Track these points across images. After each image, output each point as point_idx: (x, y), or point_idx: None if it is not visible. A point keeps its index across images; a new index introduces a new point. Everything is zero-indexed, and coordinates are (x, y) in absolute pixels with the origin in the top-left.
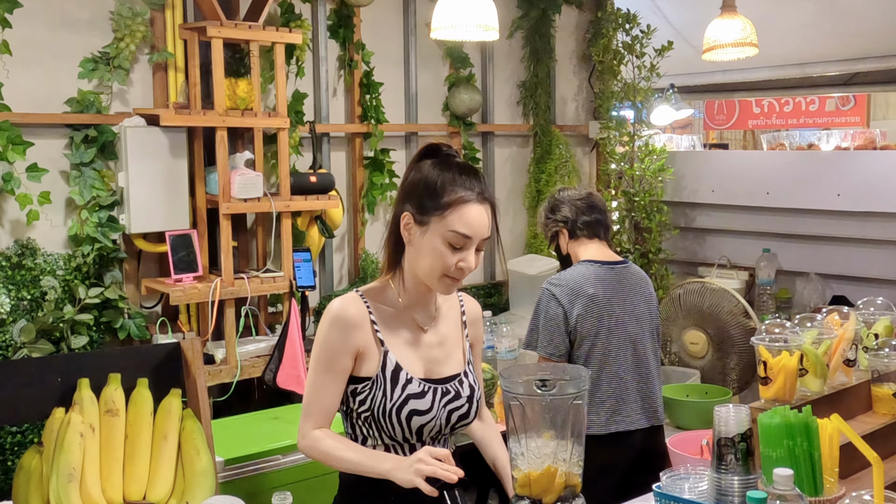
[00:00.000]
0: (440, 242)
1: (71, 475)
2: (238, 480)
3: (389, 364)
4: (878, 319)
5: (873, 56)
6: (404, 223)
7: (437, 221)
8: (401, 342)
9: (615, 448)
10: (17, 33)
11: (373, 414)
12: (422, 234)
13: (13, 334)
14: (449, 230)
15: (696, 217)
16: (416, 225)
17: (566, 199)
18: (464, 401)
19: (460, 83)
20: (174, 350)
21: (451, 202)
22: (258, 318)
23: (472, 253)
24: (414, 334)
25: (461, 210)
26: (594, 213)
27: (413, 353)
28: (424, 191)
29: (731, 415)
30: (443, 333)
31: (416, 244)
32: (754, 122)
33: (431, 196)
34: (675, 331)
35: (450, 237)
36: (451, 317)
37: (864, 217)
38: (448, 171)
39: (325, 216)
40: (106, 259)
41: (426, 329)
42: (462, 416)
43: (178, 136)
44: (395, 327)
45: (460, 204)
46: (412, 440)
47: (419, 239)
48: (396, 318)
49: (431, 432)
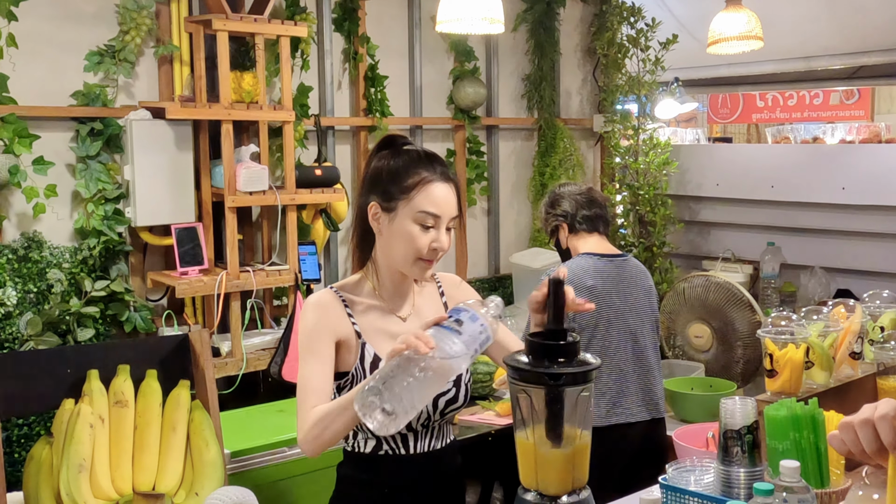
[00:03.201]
0: (410, 224)
1: (81, 466)
2: (243, 473)
3: (368, 356)
4: (883, 312)
5: (878, 49)
6: (372, 213)
7: (405, 205)
8: (379, 334)
9: (616, 440)
10: (23, 26)
11: None
12: (390, 221)
13: (20, 327)
14: (418, 211)
15: (701, 210)
16: (383, 213)
17: (566, 193)
18: (451, 385)
19: (465, 76)
20: (183, 342)
21: (415, 184)
22: (263, 311)
23: (444, 232)
24: (392, 325)
25: (426, 189)
26: (594, 208)
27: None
28: (387, 177)
29: (737, 407)
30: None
31: (386, 232)
32: (758, 115)
33: (395, 181)
34: (680, 324)
35: (419, 217)
36: (432, 303)
37: (868, 211)
38: (407, 155)
39: (330, 209)
40: (112, 252)
41: (405, 319)
42: (450, 401)
43: (183, 129)
44: (373, 319)
45: (425, 184)
46: (402, 430)
47: (388, 226)
48: (374, 309)
49: (421, 420)
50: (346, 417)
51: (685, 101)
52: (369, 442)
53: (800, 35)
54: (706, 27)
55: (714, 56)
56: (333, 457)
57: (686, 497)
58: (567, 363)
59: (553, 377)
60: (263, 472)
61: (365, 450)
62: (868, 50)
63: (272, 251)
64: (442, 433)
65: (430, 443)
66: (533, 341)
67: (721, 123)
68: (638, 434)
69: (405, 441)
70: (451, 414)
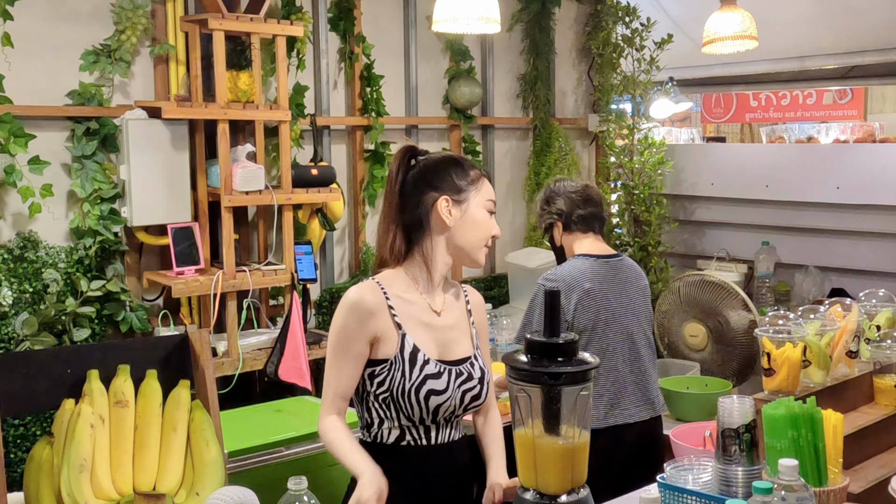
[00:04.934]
0: (483, 212)
1: (82, 466)
2: (241, 472)
3: (407, 346)
4: (879, 311)
5: (871, 49)
6: (443, 207)
7: (475, 195)
8: (417, 325)
9: (614, 441)
10: (19, 25)
11: (391, 394)
12: (464, 212)
13: (15, 327)
14: (486, 199)
15: (696, 210)
16: (455, 205)
17: (562, 190)
18: (475, 382)
19: (460, 76)
20: (182, 341)
21: (477, 177)
22: (260, 311)
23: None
24: (428, 318)
25: (483, 182)
26: (589, 207)
27: (428, 336)
28: (453, 173)
29: (735, 406)
30: (454, 317)
31: (458, 222)
32: (751, 115)
33: (461, 175)
34: (675, 323)
35: (488, 205)
36: (458, 304)
37: (862, 210)
38: (444, 158)
39: (326, 209)
40: (108, 252)
41: (440, 312)
42: (475, 397)
43: (179, 128)
44: (411, 311)
45: (480, 177)
46: (427, 420)
47: (462, 216)
48: (411, 303)
49: (446, 412)
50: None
51: (679, 100)
52: (393, 432)
53: (794, 35)
54: (701, 27)
55: (708, 56)
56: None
57: (685, 496)
58: (566, 362)
59: (552, 376)
60: (260, 471)
61: (388, 440)
62: (861, 50)
63: (268, 251)
64: (458, 427)
65: (449, 434)
66: (532, 340)
67: (714, 123)
68: (636, 434)
69: (427, 432)
70: (473, 408)
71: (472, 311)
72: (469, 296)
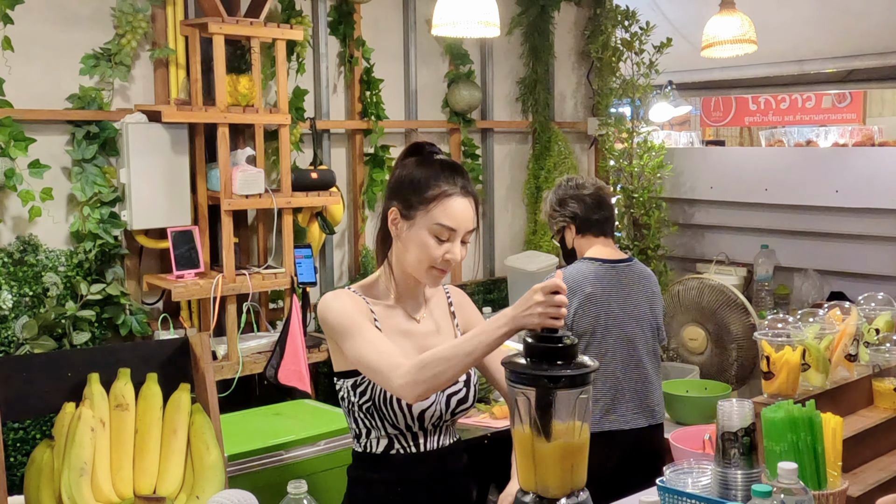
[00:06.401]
0: (426, 235)
1: (83, 469)
2: (241, 476)
3: None
4: (878, 315)
5: (870, 53)
6: (391, 218)
7: (423, 215)
8: (396, 332)
9: (609, 446)
10: (19, 29)
11: (374, 403)
12: (408, 228)
13: (15, 330)
14: (434, 223)
15: (695, 213)
16: (402, 219)
17: (575, 192)
18: (461, 386)
19: (460, 80)
20: (183, 345)
21: (434, 196)
22: (259, 315)
23: (458, 245)
24: (408, 324)
25: (445, 203)
26: (603, 211)
27: (409, 343)
28: (409, 187)
29: (734, 409)
30: (435, 323)
31: (403, 238)
32: (750, 118)
33: (416, 191)
34: (674, 327)
35: (435, 230)
36: (440, 308)
37: (862, 213)
38: (431, 167)
39: (326, 212)
40: (107, 255)
41: (419, 319)
42: (461, 401)
43: (179, 132)
44: (390, 318)
45: (444, 197)
46: (415, 428)
47: (406, 233)
48: (390, 309)
49: (433, 419)
50: (464, 354)
51: (679, 104)
52: (381, 441)
53: (792, 39)
54: (700, 31)
55: (707, 59)
56: (328, 461)
57: (684, 499)
58: (565, 365)
59: (552, 379)
60: (260, 475)
61: (377, 449)
62: (860, 53)
63: (268, 254)
64: (449, 432)
65: (439, 440)
66: (532, 344)
67: (714, 126)
68: (632, 440)
69: (416, 439)
70: (461, 413)
71: (456, 313)
72: (451, 296)
